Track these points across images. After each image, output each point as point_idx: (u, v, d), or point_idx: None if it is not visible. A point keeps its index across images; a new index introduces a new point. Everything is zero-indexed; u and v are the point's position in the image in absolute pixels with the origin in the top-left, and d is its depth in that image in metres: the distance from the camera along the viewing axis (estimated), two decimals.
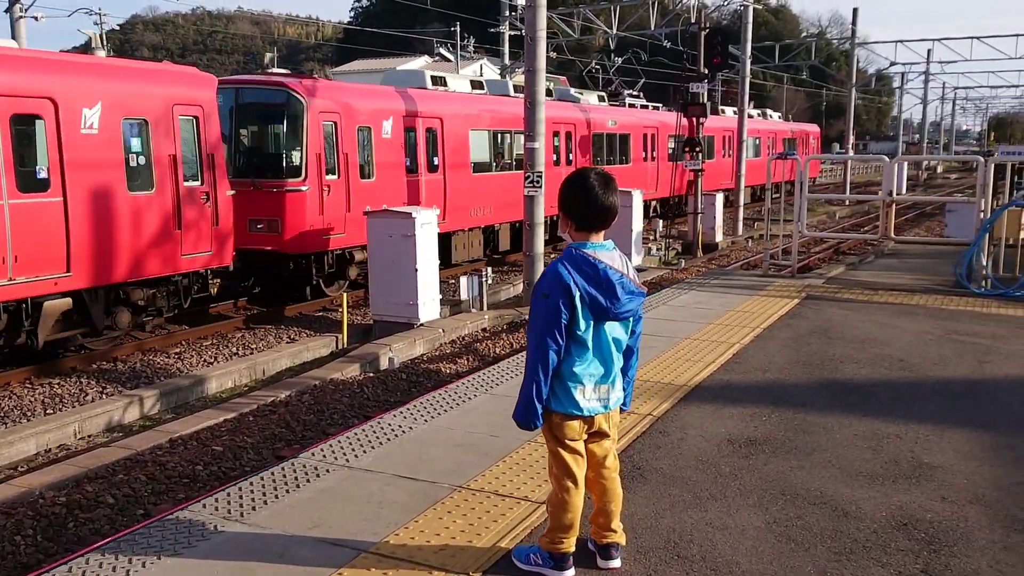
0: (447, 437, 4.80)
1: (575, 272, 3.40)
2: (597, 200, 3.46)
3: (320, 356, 13.14)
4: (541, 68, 15.60)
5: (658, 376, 6.29)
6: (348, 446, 4.61)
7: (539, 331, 3.39)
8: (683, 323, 8.29)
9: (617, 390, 3.62)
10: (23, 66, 10.72)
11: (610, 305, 3.41)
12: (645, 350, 7.34)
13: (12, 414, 9.65)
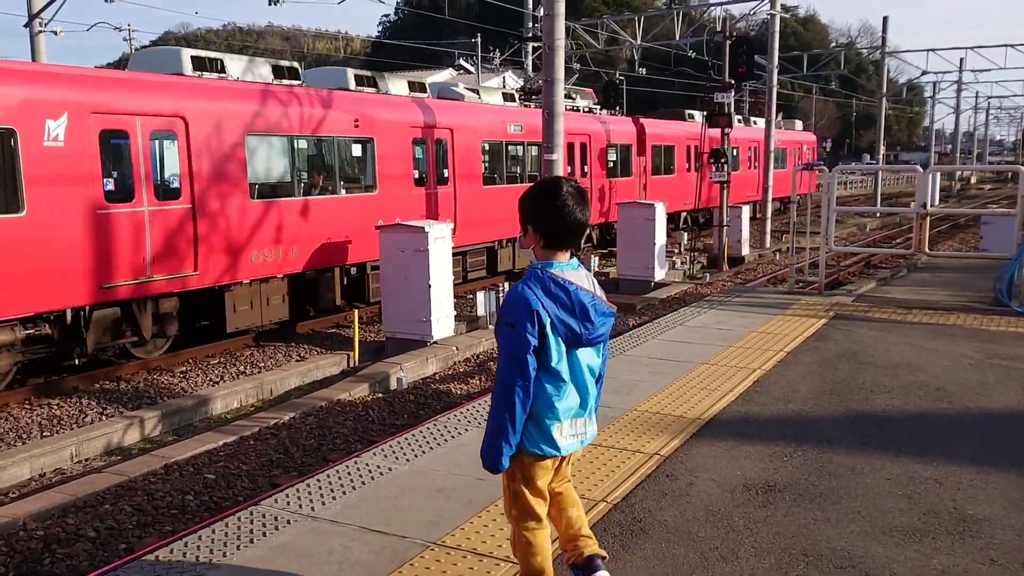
0: (429, 480, 4.33)
1: (544, 296, 3.04)
2: (571, 215, 3.11)
3: (330, 375, 12.77)
4: (559, 78, 15.24)
5: (668, 408, 5.78)
6: (318, 490, 4.16)
7: (506, 364, 3.01)
8: (700, 346, 7.75)
9: (593, 423, 3.30)
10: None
11: (584, 331, 3.08)
12: (657, 377, 6.91)
13: (7, 437, 9.37)
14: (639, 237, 18.84)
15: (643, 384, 6.34)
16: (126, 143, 11.22)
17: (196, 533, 3.63)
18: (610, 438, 5.11)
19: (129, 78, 11.71)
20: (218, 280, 12.48)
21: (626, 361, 7.19)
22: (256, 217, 12.99)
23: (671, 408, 5.72)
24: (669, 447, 4.91)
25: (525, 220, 3.17)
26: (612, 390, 6.01)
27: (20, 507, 7.72)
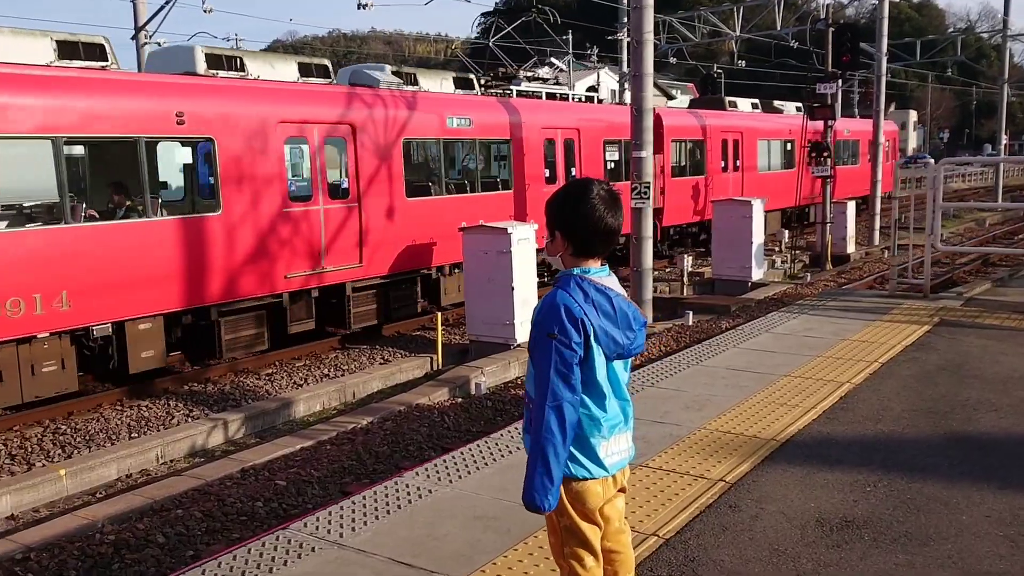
0: (469, 505, 4.06)
1: (584, 303, 2.80)
2: (602, 220, 2.88)
3: (414, 378, 12.70)
4: (648, 72, 14.78)
5: (741, 426, 5.33)
6: (351, 514, 3.96)
7: (550, 380, 2.74)
8: (784, 356, 7.23)
9: (631, 437, 3.05)
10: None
11: (626, 340, 2.86)
12: (733, 391, 6.41)
13: (98, 437, 9.60)
14: (735, 236, 18.15)
15: (717, 399, 5.91)
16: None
17: (216, 559, 3.48)
18: (672, 460, 4.73)
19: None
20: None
21: (701, 373, 6.75)
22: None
23: (744, 427, 5.28)
24: (736, 472, 4.49)
25: (552, 225, 2.95)
26: (682, 405, 5.61)
27: (100, 509, 7.87)
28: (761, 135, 26.04)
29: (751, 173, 25.22)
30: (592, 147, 18.73)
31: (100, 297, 10.24)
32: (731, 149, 24.37)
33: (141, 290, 10.65)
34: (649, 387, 6.28)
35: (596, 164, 18.92)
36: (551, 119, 17.85)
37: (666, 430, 5.04)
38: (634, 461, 4.65)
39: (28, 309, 9.60)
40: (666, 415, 5.47)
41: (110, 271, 10.30)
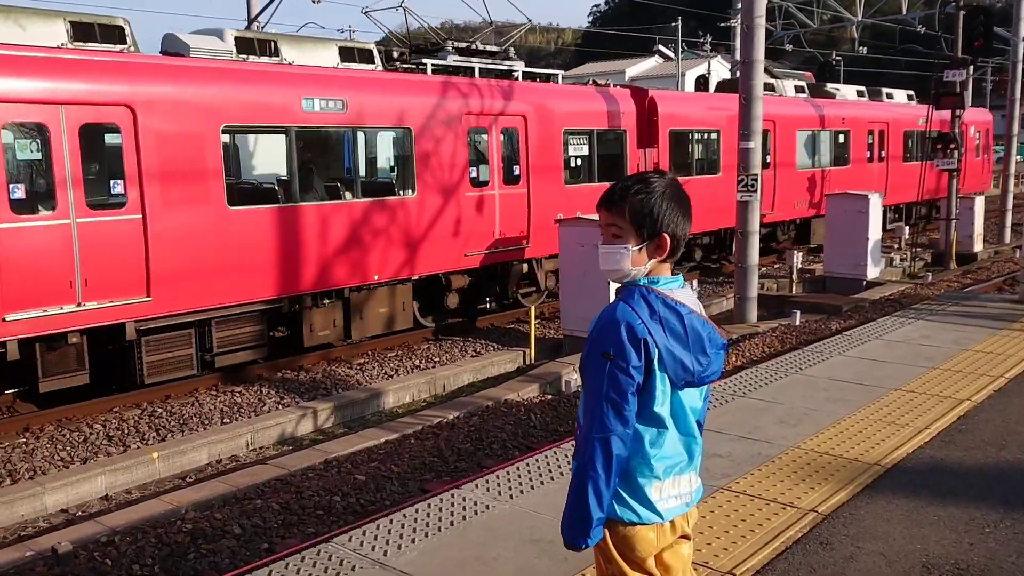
0: (527, 525, 3.74)
1: (650, 320, 2.41)
2: (690, 219, 2.59)
3: (505, 372, 12.50)
4: (759, 59, 14.10)
5: (841, 447, 4.80)
6: (400, 529, 3.71)
7: (600, 407, 2.38)
8: (895, 366, 6.58)
9: (697, 478, 2.61)
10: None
11: (697, 366, 2.44)
12: (834, 405, 5.84)
13: (191, 422, 9.76)
14: (850, 231, 17.18)
15: (815, 414, 5.38)
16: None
17: (251, 573, 3.28)
18: (759, 484, 4.27)
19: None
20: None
21: (800, 383, 6.21)
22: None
23: (844, 447, 4.76)
24: (831, 502, 4.00)
25: (651, 227, 2.49)
26: (776, 420, 5.13)
27: (185, 495, 7.96)
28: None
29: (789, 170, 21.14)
30: (548, 138, 14.73)
31: None
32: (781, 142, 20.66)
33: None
34: (740, 397, 5.80)
35: (553, 159, 14.92)
36: (484, 103, 13.83)
37: (755, 448, 4.58)
38: (716, 482, 4.25)
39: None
40: (756, 430, 5.01)
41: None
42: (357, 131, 12.51)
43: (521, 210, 14.43)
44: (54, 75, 9.32)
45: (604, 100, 16.17)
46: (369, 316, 12.52)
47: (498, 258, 14.20)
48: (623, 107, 16.38)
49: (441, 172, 13.12)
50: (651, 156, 16.96)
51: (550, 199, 14.79)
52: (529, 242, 14.53)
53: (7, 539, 7.46)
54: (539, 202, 14.61)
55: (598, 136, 15.89)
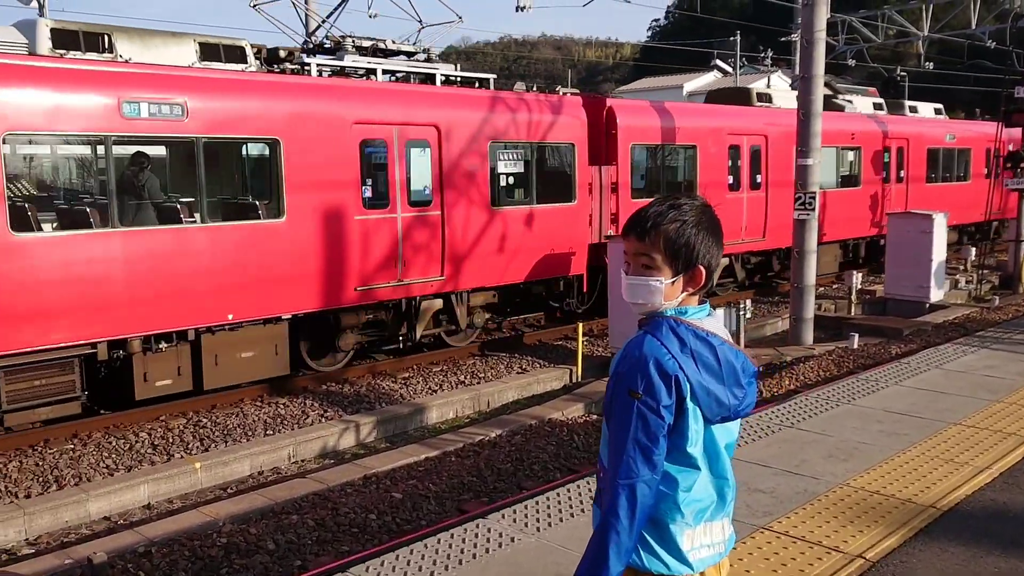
0: (552, 561, 3.56)
1: (680, 354, 2.24)
2: (722, 248, 2.42)
3: (551, 390, 12.34)
4: (818, 74, 13.82)
5: (893, 486, 4.51)
6: (420, 560, 3.56)
7: (627, 450, 2.21)
8: (955, 398, 6.23)
9: (730, 524, 2.41)
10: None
11: (733, 400, 2.28)
12: (888, 440, 5.50)
13: (235, 432, 9.78)
14: (912, 252, 16.64)
15: (867, 448, 5.09)
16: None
17: None
18: (802, 525, 4.02)
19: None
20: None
21: (853, 414, 5.90)
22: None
23: (897, 486, 4.47)
24: (881, 547, 3.74)
25: (689, 259, 2.33)
26: (824, 454, 4.86)
27: (224, 507, 7.96)
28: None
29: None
30: (469, 152, 12.58)
31: None
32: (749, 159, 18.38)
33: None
34: (787, 427, 5.52)
35: (476, 177, 12.72)
36: (383, 110, 11.66)
37: (800, 484, 4.33)
38: (757, 521, 4.02)
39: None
40: (803, 464, 4.74)
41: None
42: (202, 141, 10.05)
43: (433, 236, 12.26)
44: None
45: (546, 109, 13.96)
46: (228, 362, 10.50)
47: (402, 293, 12.04)
48: (571, 117, 14.20)
49: (322, 191, 10.89)
50: (608, 174, 14.79)
51: (473, 223, 12.72)
52: (445, 273, 12.42)
53: (50, 545, 7.54)
54: (458, 226, 12.52)
55: (537, 151, 13.76)
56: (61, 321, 9.06)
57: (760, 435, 5.38)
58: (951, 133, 23.67)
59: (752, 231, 17.62)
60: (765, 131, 17.62)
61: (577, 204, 14.24)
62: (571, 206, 14.17)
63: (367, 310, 11.93)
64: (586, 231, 14.48)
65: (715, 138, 16.66)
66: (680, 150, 16.51)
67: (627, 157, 15.02)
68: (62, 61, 9.45)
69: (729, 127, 17.02)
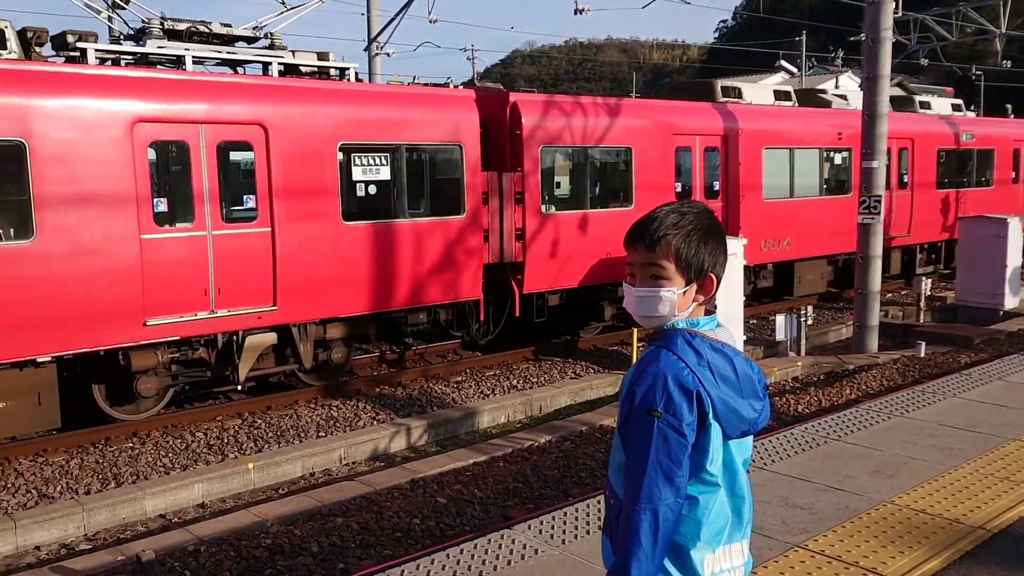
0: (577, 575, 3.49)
1: (697, 368, 2.14)
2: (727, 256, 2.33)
3: (605, 395, 12.23)
4: (884, 74, 13.44)
5: (941, 504, 4.31)
6: (441, 571, 3.52)
7: (648, 473, 2.10)
8: (1016, 412, 5.94)
9: (747, 547, 2.31)
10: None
11: (752, 413, 2.20)
12: (939, 455, 5.23)
13: (288, 434, 9.92)
14: (985, 257, 16.07)
15: (916, 464, 4.88)
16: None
17: None
18: (840, 544, 3.86)
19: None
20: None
21: (903, 427, 5.67)
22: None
23: (945, 505, 4.27)
24: (921, 570, 3.57)
25: (700, 267, 2.24)
26: (870, 469, 4.67)
27: (272, 508, 8.08)
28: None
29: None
30: (308, 156, 10.51)
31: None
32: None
33: None
34: (834, 440, 5.33)
35: (320, 185, 10.60)
36: (183, 106, 9.64)
37: (841, 500, 4.17)
38: (792, 538, 3.88)
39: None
40: (846, 480, 4.57)
41: None
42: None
43: (260, 258, 10.15)
44: None
45: (421, 105, 11.64)
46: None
47: (216, 326, 9.95)
48: (457, 114, 11.79)
49: (88, 205, 9.04)
50: (512, 182, 12.34)
51: (318, 242, 10.55)
52: (279, 303, 10.30)
53: (107, 541, 7.75)
54: (295, 246, 10.34)
55: (408, 154, 11.50)
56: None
57: (804, 448, 5.21)
58: (969, 132, 20.69)
59: None
60: (724, 130, 15.25)
61: (466, 218, 11.82)
62: (458, 220, 11.76)
63: (171, 347, 9.92)
64: (480, 249, 12.04)
65: (655, 138, 14.16)
66: (610, 153, 14.25)
67: (536, 162, 12.52)
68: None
69: (676, 126, 14.54)
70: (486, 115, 12.32)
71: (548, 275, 12.90)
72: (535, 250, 12.63)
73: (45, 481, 8.40)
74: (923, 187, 19.43)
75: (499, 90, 13.46)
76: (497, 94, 13.05)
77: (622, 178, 14.16)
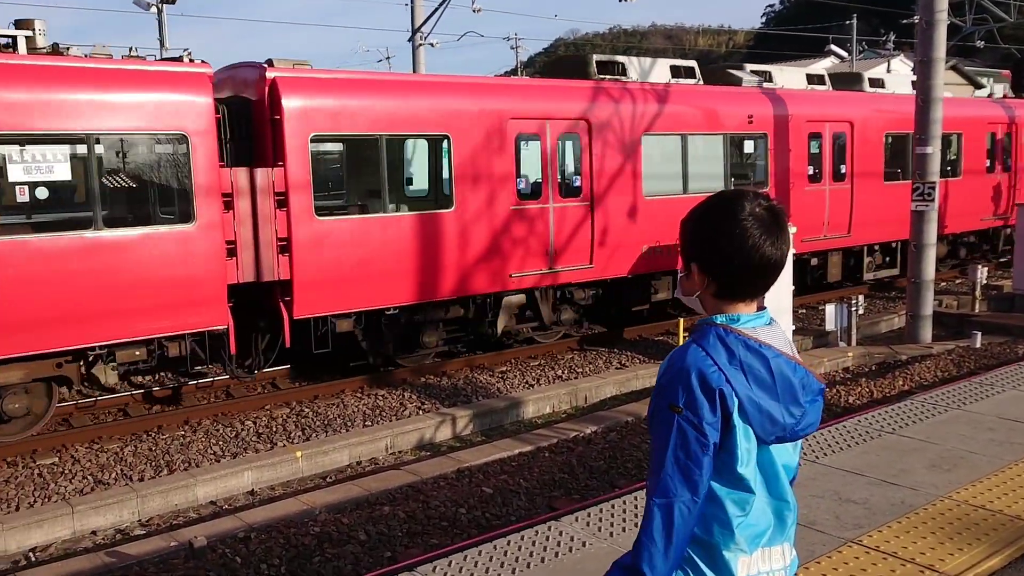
0: None
1: (728, 366, 2.05)
2: (760, 249, 2.10)
3: (650, 386, 12.10)
4: (939, 57, 13.09)
5: (1000, 501, 4.19)
6: (488, 561, 3.51)
7: (665, 468, 2.04)
8: None
9: (791, 549, 2.22)
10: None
11: (789, 419, 2.09)
12: (999, 449, 5.00)
13: (335, 423, 10.03)
14: None
15: (974, 458, 4.75)
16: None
17: None
18: (895, 540, 3.77)
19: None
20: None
21: (962, 419, 5.52)
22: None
23: (1005, 501, 4.14)
24: (981, 568, 3.47)
25: (686, 254, 2.20)
26: (926, 463, 4.55)
27: (320, 496, 8.17)
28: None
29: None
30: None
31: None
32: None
33: None
34: (888, 433, 5.20)
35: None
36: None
37: (897, 495, 4.07)
38: (845, 533, 3.80)
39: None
40: (901, 474, 4.46)
41: None
42: None
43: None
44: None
45: (121, 83, 9.13)
46: None
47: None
48: (178, 94, 9.33)
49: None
50: (270, 181, 9.81)
51: None
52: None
53: (160, 527, 7.91)
54: None
55: (102, 146, 9.32)
56: None
57: (858, 441, 5.10)
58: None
59: (576, 254, 12.57)
60: (588, 115, 12.40)
61: (198, 227, 9.36)
62: (186, 230, 9.33)
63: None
64: (221, 266, 9.52)
65: (482, 124, 11.40)
66: (416, 143, 12.01)
67: (304, 155, 10.04)
68: None
69: (514, 110, 11.78)
70: (239, 96, 10.38)
71: (331, 295, 10.41)
72: (308, 265, 10.13)
73: (100, 467, 8.60)
74: (866, 178, 16.29)
75: (248, 64, 10.82)
76: (247, 67, 10.72)
77: (433, 172, 12.00)
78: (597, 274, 12.86)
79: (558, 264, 12.36)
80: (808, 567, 3.27)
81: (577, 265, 12.60)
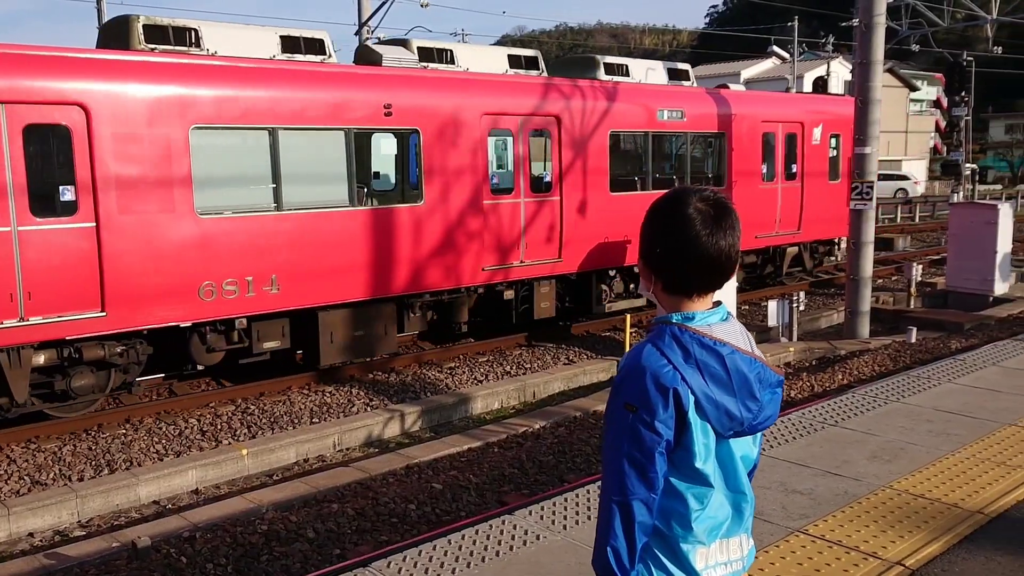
0: (577, 561, 3.49)
1: (684, 364, 2.05)
2: (704, 244, 2.08)
3: (598, 381, 12.24)
4: (877, 60, 13.46)
5: (939, 489, 4.34)
6: (442, 556, 3.51)
7: (619, 468, 2.05)
8: (1012, 397, 5.97)
9: (748, 540, 2.25)
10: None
11: (746, 414, 2.09)
12: (936, 440, 5.25)
13: (281, 420, 9.89)
14: (975, 244, 16.10)
15: (914, 449, 4.90)
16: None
17: None
18: (839, 528, 3.88)
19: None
20: None
21: (900, 412, 5.69)
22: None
23: (943, 490, 4.29)
24: (922, 554, 3.59)
25: (641, 251, 2.21)
26: (868, 454, 4.69)
27: (267, 494, 8.05)
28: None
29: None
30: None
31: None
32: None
33: None
34: (831, 426, 5.35)
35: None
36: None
37: (840, 485, 4.19)
38: (792, 524, 3.90)
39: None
40: (844, 465, 4.59)
41: None
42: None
43: None
44: None
45: None
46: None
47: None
48: None
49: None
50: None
51: None
52: None
53: (101, 528, 7.72)
54: None
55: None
56: None
57: (802, 433, 5.23)
58: (678, 109, 14.43)
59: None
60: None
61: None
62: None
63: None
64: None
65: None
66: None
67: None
68: None
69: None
70: None
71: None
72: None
73: (38, 468, 8.35)
74: (577, 189, 13.04)
75: None
76: None
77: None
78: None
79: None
80: (757, 557, 3.34)
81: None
